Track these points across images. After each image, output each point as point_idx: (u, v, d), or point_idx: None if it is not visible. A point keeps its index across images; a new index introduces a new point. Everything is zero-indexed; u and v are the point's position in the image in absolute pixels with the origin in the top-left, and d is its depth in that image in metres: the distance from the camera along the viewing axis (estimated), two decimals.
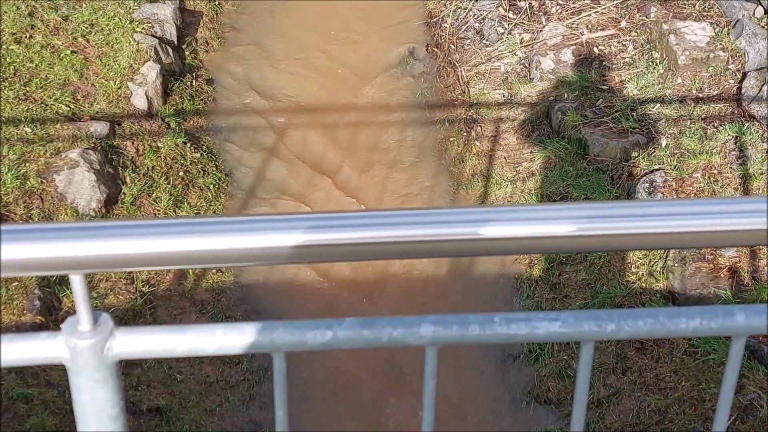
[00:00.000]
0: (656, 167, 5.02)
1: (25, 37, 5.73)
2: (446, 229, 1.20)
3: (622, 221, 1.19)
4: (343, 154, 6.10)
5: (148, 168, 5.42)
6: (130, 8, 6.37)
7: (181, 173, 5.54)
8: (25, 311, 4.25)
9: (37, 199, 4.78)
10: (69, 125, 5.28)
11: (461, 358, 4.81)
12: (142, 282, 4.82)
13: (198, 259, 1.19)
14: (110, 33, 6.08)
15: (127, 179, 5.26)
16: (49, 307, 4.39)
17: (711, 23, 5.72)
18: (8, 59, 5.51)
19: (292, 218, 1.19)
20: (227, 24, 7.28)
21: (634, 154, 5.13)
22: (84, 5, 6.25)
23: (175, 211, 5.31)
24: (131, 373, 4.40)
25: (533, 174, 5.43)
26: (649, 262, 4.68)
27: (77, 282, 1.14)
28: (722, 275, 4.41)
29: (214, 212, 5.53)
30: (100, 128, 5.36)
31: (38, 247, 1.14)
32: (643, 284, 4.63)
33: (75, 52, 5.83)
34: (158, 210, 5.25)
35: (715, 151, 4.97)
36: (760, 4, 5.57)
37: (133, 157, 5.40)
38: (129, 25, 6.18)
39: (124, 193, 5.20)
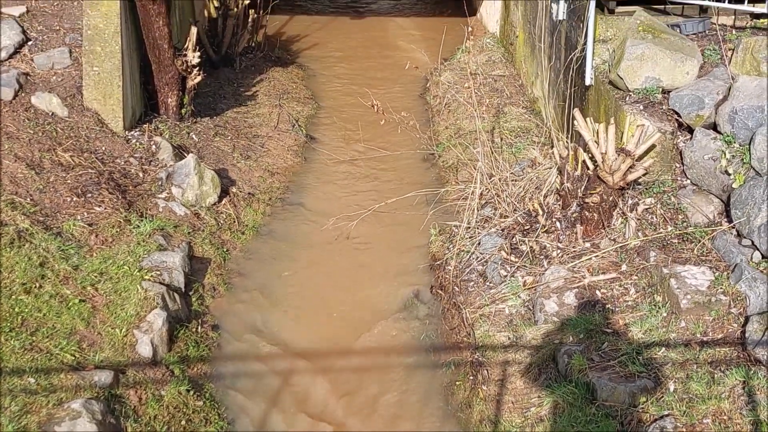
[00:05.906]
0: (665, 413, 4.94)
1: (35, 286, 5.81)
2: None
3: None
4: (348, 402, 6.02)
5: (150, 417, 5.34)
6: (139, 256, 6.51)
7: (183, 422, 5.46)
8: None
9: None
10: (73, 375, 5.25)
11: None
12: None
13: None
14: (119, 281, 6.18)
15: (129, 430, 5.17)
16: None
17: (710, 267, 5.80)
18: (17, 309, 5.57)
19: None
20: (234, 270, 7.41)
21: (643, 398, 5.06)
22: (95, 254, 6.39)
23: None
24: None
25: (542, 420, 5.33)
26: None
27: None
28: None
29: None
30: (104, 377, 5.33)
31: None
32: None
33: (83, 301, 5.90)
34: None
35: (723, 396, 4.91)
36: (757, 249, 5.66)
37: (135, 407, 5.34)
38: (138, 273, 6.29)
39: None
